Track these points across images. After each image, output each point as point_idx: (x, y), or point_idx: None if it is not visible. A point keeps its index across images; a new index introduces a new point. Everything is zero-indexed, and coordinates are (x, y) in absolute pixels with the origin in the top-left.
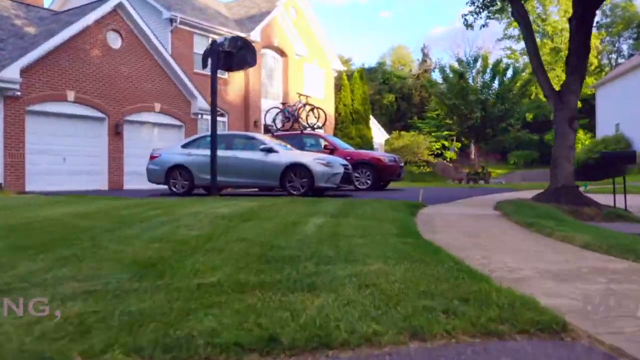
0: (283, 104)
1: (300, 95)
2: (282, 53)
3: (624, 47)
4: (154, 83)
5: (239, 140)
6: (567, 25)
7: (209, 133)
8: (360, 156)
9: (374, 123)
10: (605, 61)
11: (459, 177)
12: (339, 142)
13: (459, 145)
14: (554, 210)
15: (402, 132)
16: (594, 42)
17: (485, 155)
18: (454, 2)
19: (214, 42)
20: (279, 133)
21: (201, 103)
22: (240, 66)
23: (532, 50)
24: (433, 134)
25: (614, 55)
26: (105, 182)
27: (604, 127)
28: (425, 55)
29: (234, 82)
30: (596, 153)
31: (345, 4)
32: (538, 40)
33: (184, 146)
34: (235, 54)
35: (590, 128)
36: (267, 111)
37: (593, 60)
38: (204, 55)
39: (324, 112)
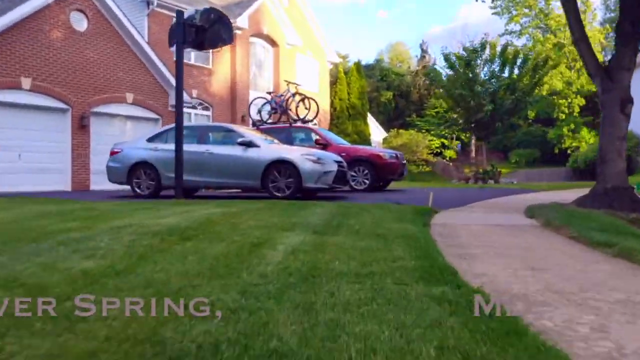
0: (269, 93)
1: (289, 83)
2: (272, 42)
3: None
4: (127, 71)
5: (214, 133)
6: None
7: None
8: (358, 152)
9: (371, 121)
10: (609, 57)
11: (465, 176)
12: (333, 137)
13: (458, 143)
14: (618, 222)
15: (401, 130)
16: (598, 37)
17: (488, 153)
18: (453, 2)
19: (179, 13)
20: (265, 126)
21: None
22: (213, 44)
23: (574, 16)
24: (432, 132)
25: None
26: (68, 182)
27: None
28: (424, 51)
29: (219, 73)
30: None
31: (343, 3)
32: (540, 35)
33: (150, 140)
34: (208, 30)
35: (595, 126)
36: (251, 102)
37: (598, 55)
38: (170, 31)
39: (316, 103)
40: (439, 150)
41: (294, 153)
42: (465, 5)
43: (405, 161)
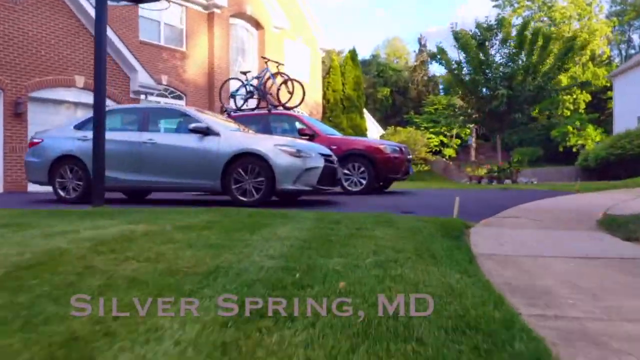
0: (244, 73)
1: (267, 61)
2: (257, 24)
3: (635, 36)
4: (76, 50)
5: (161, 118)
6: (575, 13)
7: (117, 105)
8: (352, 145)
9: (367, 117)
10: (615, 51)
11: (477, 176)
12: (322, 126)
13: (458, 142)
14: None
15: (399, 128)
16: (605, 30)
17: (490, 152)
18: (451, 2)
19: None
20: (239, 114)
21: (145, 79)
22: None
23: None
24: (431, 129)
25: (623, 46)
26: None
27: (624, 120)
28: (422, 45)
29: (195, 57)
30: (619, 148)
31: (339, 2)
32: (544, 29)
33: (79, 127)
34: None
35: (600, 123)
36: (222, 85)
37: (605, 49)
38: None
39: (301, 86)
40: (437, 149)
41: (265, 143)
42: (464, 5)
43: (410, 156)
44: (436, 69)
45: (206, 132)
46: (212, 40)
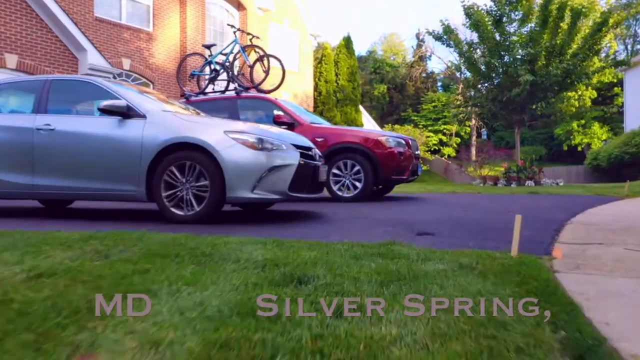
0: (208, 47)
1: (237, 30)
2: (238, 4)
3: None
4: (6, 24)
5: (65, 94)
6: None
7: (11, 78)
8: (344, 137)
9: (364, 113)
10: (621, 46)
11: (492, 176)
12: (305, 113)
13: (458, 140)
14: None
15: (396, 126)
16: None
17: (493, 150)
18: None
19: None
20: (200, 98)
21: (96, 60)
22: None
23: None
24: (430, 128)
25: (629, 40)
26: None
27: (637, 117)
28: (420, 41)
29: (164, 39)
30: (634, 147)
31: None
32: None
33: None
34: None
35: (606, 121)
36: (181, 62)
37: (612, 43)
38: None
39: (280, 62)
40: (437, 148)
41: (212, 130)
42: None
43: (419, 151)
44: (435, 65)
45: (126, 113)
46: (184, 20)
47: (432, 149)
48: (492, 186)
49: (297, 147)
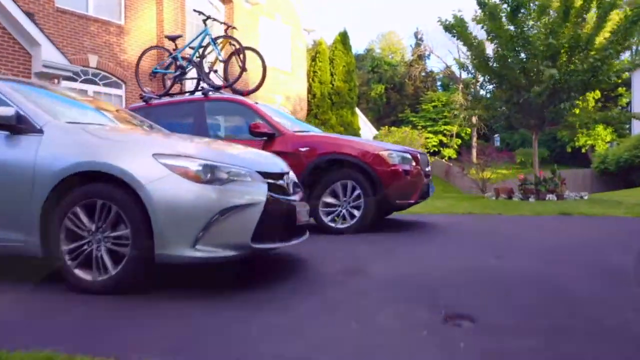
0: (172, 39)
1: (207, 18)
2: None
3: None
4: None
5: None
6: None
7: None
8: (339, 148)
9: (360, 116)
10: None
11: (506, 188)
12: (288, 120)
13: (459, 141)
14: None
15: (393, 128)
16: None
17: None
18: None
19: None
20: (161, 101)
21: (52, 55)
22: None
23: None
24: (429, 128)
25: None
26: None
27: None
28: (419, 39)
29: (138, 34)
30: None
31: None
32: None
33: None
34: None
35: (609, 123)
36: (139, 59)
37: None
38: None
39: (260, 57)
40: (437, 149)
41: (137, 152)
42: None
43: (429, 167)
44: (434, 64)
45: (15, 126)
46: (161, 13)
47: (432, 151)
48: (507, 200)
49: (265, 174)
